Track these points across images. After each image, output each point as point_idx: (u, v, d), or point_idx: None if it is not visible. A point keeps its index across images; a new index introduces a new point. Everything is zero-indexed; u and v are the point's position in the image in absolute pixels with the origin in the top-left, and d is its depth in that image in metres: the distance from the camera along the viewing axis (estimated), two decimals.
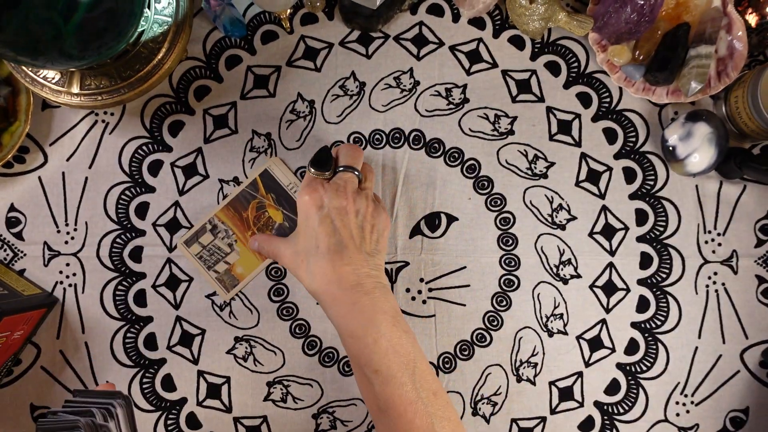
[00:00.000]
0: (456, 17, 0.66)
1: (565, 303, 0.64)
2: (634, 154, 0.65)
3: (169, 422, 0.64)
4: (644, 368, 0.64)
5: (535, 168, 0.65)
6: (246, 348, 0.64)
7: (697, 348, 0.64)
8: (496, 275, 0.65)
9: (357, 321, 0.51)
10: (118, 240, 0.64)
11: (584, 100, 0.66)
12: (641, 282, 0.65)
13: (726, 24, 0.60)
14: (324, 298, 0.53)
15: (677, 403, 0.64)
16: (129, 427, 0.44)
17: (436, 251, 0.65)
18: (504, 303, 0.65)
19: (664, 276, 0.65)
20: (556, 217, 0.65)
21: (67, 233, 0.64)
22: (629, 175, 0.65)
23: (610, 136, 0.65)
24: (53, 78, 0.57)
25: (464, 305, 0.65)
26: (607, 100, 0.66)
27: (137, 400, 0.64)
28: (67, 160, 0.64)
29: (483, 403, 0.64)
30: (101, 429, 0.42)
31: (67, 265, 0.64)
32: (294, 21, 0.65)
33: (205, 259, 0.62)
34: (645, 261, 0.65)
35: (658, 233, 0.65)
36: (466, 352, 0.64)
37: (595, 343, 0.64)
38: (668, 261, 0.65)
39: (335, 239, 0.52)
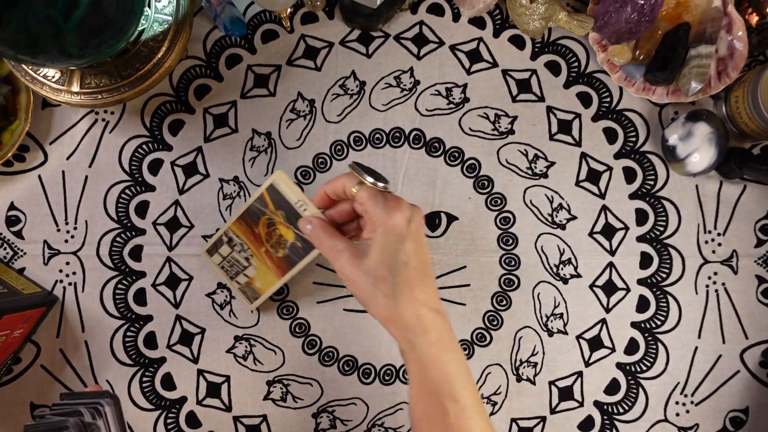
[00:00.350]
0: (456, 17, 0.66)
1: (565, 303, 0.64)
2: (634, 153, 0.65)
3: (168, 421, 0.64)
4: (644, 368, 0.64)
5: (536, 167, 0.65)
6: (246, 347, 0.64)
7: (696, 348, 0.64)
8: (496, 275, 0.65)
9: (446, 348, 0.46)
10: (118, 239, 0.64)
11: (584, 99, 0.66)
12: (641, 282, 0.65)
13: (726, 24, 0.60)
14: (417, 323, 0.45)
15: (677, 402, 0.64)
16: (118, 424, 0.44)
17: (436, 250, 0.65)
18: (504, 302, 0.65)
19: (664, 276, 0.65)
20: (556, 216, 0.65)
21: (67, 232, 0.64)
22: (629, 175, 0.65)
23: (610, 135, 0.65)
24: (53, 76, 0.57)
25: (464, 304, 0.65)
26: (608, 99, 0.66)
27: (137, 399, 0.64)
28: (67, 158, 0.64)
29: (483, 403, 0.64)
30: (90, 427, 0.41)
31: (67, 263, 0.64)
32: (294, 20, 0.65)
33: (227, 270, 0.61)
34: (645, 261, 0.65)
35: (658, 233, 0.65)
36: (466, 352, 0.64)
37: (595, 343, 0.64)
38: (668, 261, 0.65)
39: (419, 258, 0.47)
